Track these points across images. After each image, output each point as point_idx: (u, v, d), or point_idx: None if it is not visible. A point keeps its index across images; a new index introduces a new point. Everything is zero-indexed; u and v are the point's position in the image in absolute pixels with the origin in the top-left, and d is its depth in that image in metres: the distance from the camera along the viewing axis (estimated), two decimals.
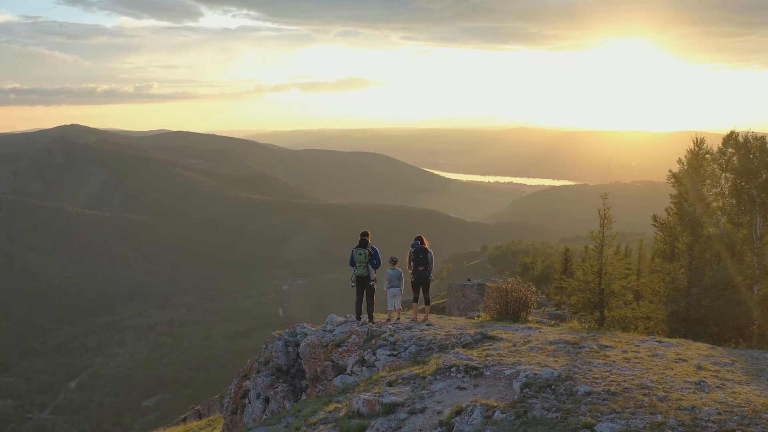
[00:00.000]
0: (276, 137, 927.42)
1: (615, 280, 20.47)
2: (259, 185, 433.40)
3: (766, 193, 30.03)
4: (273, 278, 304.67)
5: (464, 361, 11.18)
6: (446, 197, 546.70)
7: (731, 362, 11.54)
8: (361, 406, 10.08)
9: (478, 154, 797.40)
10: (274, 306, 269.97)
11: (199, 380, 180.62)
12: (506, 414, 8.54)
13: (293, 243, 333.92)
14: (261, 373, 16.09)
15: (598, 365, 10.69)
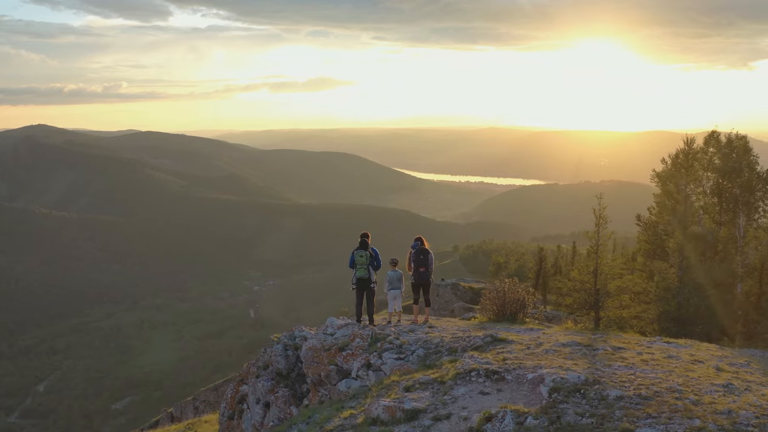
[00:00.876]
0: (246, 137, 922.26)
1: (611, 280, 20.35)
2: (229, 185, 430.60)
3: (749, 192, 30.23)
4: (244, 279, 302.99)
5: (484, 365, 10.95)
6: (417, 197, 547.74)
7: (747, 363, 11.44)
8: (380, 413, 9.80)
9: (448, 154, 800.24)
10: (245, 307, 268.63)
11: (170, 382, 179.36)
12: (539, 420, 8.32)
13: (265, 243, 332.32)
14: (261, 378, 15.71)
15: (619, 368, 10.52)
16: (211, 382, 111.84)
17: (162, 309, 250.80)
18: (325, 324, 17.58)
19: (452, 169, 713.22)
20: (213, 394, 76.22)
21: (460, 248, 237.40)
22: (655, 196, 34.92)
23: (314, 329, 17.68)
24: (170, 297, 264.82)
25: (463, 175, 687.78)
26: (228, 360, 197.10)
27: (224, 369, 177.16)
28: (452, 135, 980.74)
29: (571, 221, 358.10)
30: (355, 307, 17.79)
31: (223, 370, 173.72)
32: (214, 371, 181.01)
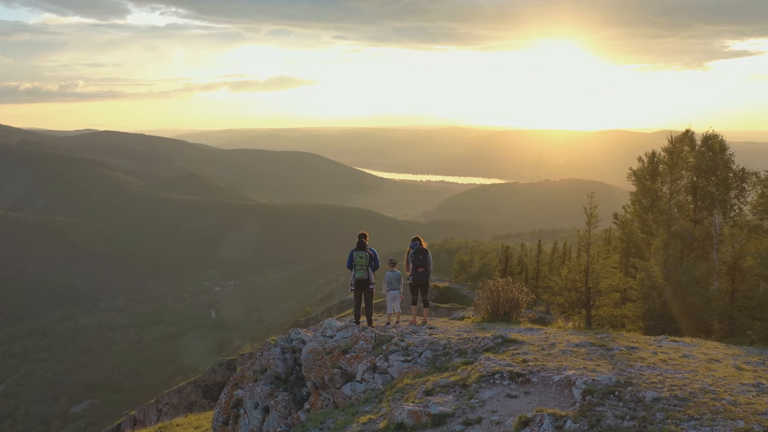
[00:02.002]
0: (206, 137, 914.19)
1: (602, 279, 20.33)
2: (189, 185, 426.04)
3: (725, 189, 30.55)
4: (205, 279, 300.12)
5: (506, 368, 10.70)
6: (379, 196, 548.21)
7: (762, 361, 11.39)
8: (405, 418, 9.49)
9: (410, 153, 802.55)
10: (206, 307, 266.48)
11: (130, 385, 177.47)
12: (579, 423, 8.09)
13: (225, 243, 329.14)
14: (259, 382, 15.27)
15: (643, 368, 10.37)
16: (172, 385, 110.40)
17: (121, 311, 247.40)
18: (322, 326, 17.18)
19: (413, 168, 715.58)
20: (176, 397, 75.14)
21: None
22: (631, 194, 35.18)
23: (311, 331, 17.28)
24: (130, 298, 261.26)
25: (425, 174, 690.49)
26: (189, 362, 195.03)
27: (185, 371, 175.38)
28: (413, 134, 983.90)
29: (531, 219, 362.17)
30: (353, 308, 17.37)
31: (184, 373, 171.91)
32: (175, 373, 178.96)
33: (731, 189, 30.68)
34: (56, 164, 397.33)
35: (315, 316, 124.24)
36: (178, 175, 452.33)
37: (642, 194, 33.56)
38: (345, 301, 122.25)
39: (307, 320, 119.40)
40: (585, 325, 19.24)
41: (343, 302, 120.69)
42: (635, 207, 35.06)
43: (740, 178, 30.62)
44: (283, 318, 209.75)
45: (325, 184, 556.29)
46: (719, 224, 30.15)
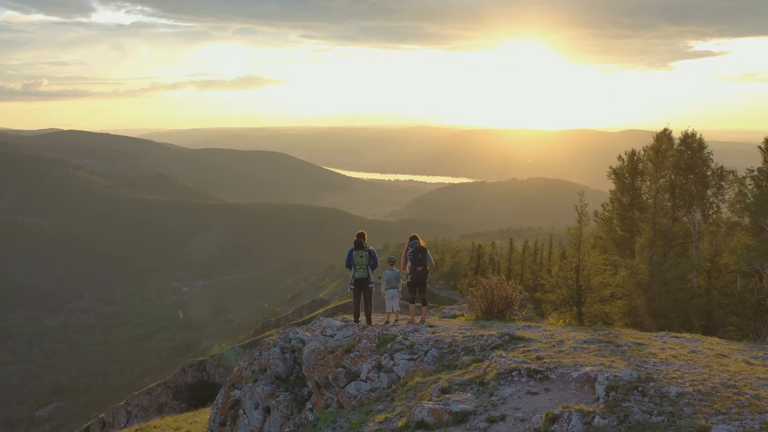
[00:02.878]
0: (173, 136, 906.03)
1: (593, 276, 20.50)
2: (156, 185, 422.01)
3: (704, 187, 30.99)
4: (173, 280, 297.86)
5: (523, 365, 10.71)
6: (348, 195, 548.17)
7: (766, 356, 11.52)
8: (425, 416, 9.43)
9: (378, 152, 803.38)
10: (174, 308, 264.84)
11: (97, 387, 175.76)
12: (607, 419, 8.11)
13: (193, 244, 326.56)
14: (259, 382, 15.12)
15: (657, 364, 10.44)
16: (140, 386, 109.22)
17: (87, 312, 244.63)
18: (321, 325, 17.09)
19: (382, 167, 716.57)
20: (146, 398, 74.39)
21: (391, 246, 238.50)
22: (611, 192, 35.56)
23: (308, 331, 17.16)
24: (96, 299, 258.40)
25: (393, 173, 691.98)
26: (157, 363, 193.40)
27: (153, 372, 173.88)
28: (382, 133, 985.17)
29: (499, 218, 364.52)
30: (353, 307, 17.29)
31: (152, 374, 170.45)
32: (143, 375, 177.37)
33: (710, 187, 31.15)
34: (20, 164, 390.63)
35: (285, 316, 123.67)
36: (144, 175, 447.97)
37: (622, 192, 33.94)
38: (316, 300, 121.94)
39: (278, 320, 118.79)
40: (576, 322, 19.42)
41: (314, 302, 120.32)
42: (614, 205, 35.47)
43: (719, 176, 31.10)
44: (251, 318, 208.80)
45: (294, 183, 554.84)
46: (698, 222, 30.60)
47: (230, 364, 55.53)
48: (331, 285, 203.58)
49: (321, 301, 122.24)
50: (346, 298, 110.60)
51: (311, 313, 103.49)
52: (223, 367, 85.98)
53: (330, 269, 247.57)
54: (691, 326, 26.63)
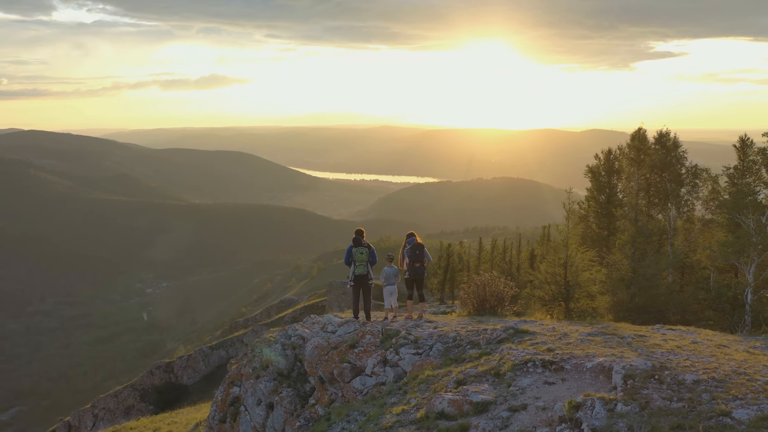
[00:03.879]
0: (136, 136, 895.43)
1: (581, 272, 20.91)
2: (119, 186, 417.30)
3: (679, 185, 31.69)
4: (136, 281, 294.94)
5: (537, 356, 10.96)
6: (313, 195, 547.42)
7: (765, 346, 11.91)
8: (446, 406, 9.64)
9: (344, 152, 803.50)
10: (138, 310, 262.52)
11: (60, 390, 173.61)
12: (630, 406, 8.38)
13: (158, 245, 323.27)
14: (261, 379, 15.21)
15: (664, 354, 10.76)
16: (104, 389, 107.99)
17: (50, 314, 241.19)
18: (321, 322, 17.23)
19: (348, 167, 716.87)
20: (113, 401, 73.72)
21: None
22: (587, 190, 36.14)
23: (307, 327, 17.29)
24: (58, 302, 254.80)
25: (359, 173, 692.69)
26: (121, 365, 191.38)
27: (117, 375, 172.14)
28: (347, 133, 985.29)
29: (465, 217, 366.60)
30: (352, 304, 17.47)
31: (116, 377, 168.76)
32: (107, 378, 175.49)
33: (684, 185, 31.87)
34: None
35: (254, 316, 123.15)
36: (107, 176, 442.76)
37: (598, 190, 34.54)
38: (284, 301, 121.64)
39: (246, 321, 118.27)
40: (564, 316, 19.84)
41: (283, 302, 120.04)
42: (590, 203, 36.04)
43: (693, 174, 31.83)
44: (217, 319, 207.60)
45: (259, 183, 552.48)
46: (673, 219, 31.28)
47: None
48: (297, 285, 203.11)
49: (290, 302, 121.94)
50: (315, 298, 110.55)
51: (280, 314, 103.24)
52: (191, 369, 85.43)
53: (296, 269, 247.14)
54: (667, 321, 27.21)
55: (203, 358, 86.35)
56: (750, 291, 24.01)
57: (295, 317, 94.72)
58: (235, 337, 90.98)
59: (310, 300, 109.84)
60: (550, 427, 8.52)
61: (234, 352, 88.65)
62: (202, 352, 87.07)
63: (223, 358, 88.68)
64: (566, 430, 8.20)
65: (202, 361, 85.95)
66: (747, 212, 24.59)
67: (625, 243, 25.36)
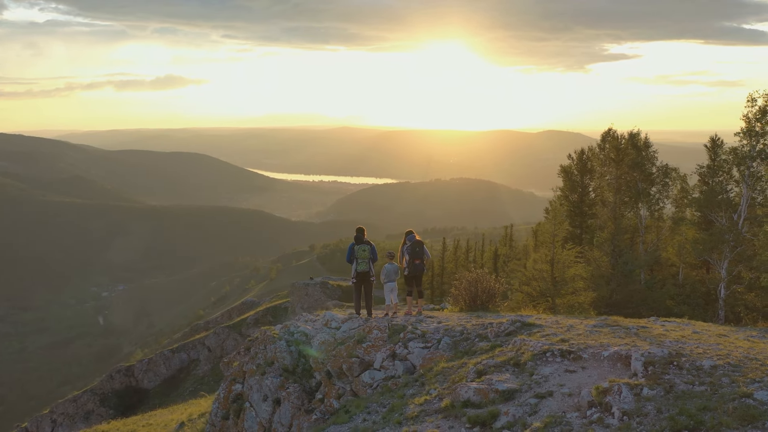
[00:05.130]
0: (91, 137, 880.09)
1: (567, 269, 21.46)
2: (73, 188, 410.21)
3: (650, 184, 32.61)
4: (92, 285, 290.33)
5: (554, 346, 11.35)
6: (271, 197, 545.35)
7: (761, 336, 12.53)
8: (471, 395, 9.97)
9: (301, 153, 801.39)
10: (94, 314, 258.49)
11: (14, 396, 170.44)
12: (655, 390, 8.81)
13: (113, 247, 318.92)
14: (267, 375, 15.39)
15: (674, 343, 11.25)
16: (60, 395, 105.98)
17: (3, 319, 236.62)
18: (324, 318, 17.45)
19: (306, 168, 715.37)
20: (72, 406, 72.62)
21: (317, 247, 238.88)
22: (560, 189, 36.89)
23: (309, 324, 17.53)
24: (11, 306, 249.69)
25: (317, 174, 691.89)
26: (77, 370, 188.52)
27: (73, 380, 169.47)
28: (305, 134, 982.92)
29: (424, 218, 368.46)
30: (354, 300, 17.75)
31: (72, 382, 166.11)
32: (62, 383, 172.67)
33: (655, 184, 32.79)
34: None
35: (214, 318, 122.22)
36: (60, 177, 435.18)
37: (571, 189, 35.28)
38: (246, 303, 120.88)
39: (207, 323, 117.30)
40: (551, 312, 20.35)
41: (245, 304, 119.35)
42: (562, 202, 36.77)
43: (664, 173, 32.75)
44: (175, 322, 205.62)
45: (216, 184, 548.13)
46: (644, 217, 32.19)
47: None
48: (256, 287, 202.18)
49: (251, 303, 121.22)
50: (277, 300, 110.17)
51: (241, 316, 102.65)
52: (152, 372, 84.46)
53: (255, 271, 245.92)
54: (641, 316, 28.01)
55: (164, 361, 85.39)
56: (723, 286, 24.87)
57: (258, 319, 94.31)
58: (196, 340, 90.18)
59: (272, 302, 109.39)
60: (579, 411, 8.91)
61: (195, 354, 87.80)
62: (162, 356, 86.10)
63: (185, 361, 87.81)
64: (597, 413, 8.60)
65: (163, 364, 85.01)
66: (719, 210, 25.47)
67: (604, 240, 26.07)
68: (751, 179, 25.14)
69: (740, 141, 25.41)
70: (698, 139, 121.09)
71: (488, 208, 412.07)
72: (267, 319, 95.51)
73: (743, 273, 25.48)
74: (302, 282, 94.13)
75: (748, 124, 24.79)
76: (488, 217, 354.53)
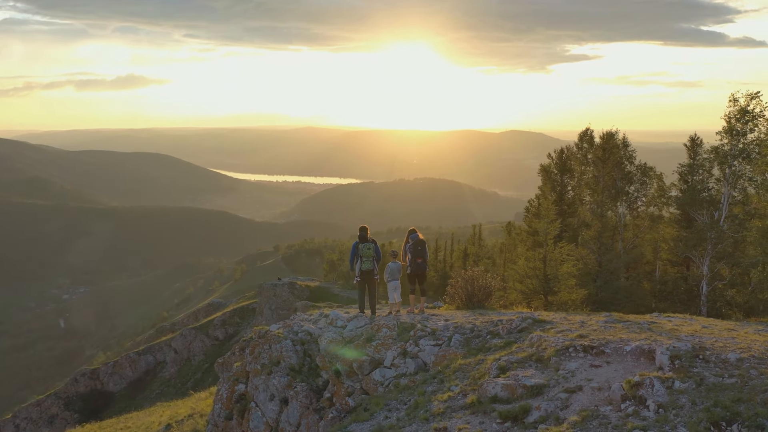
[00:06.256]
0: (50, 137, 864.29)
1: (560, 266, 21.67)
2: (32, 189, 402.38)
3: (629, 182, 33.10)
4: (52, 287, 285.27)
5: (576, 342, 11.45)
6: (234, 197, 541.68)
7: (766, 329, 12.76)
8: (499, 391, 10.04)
9: (265, 153, 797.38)
10: (54, 317, 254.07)
11: None
12: (686, 383, 8.96)
13: (74, 249, 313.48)
14: (274, 375, 15.28)
15: (690, 337, 11.45)
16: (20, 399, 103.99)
17: None
18: (329, 317, 17.43)
19: (269, 168, 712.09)
20: (35, 410, 71.48)
21: (282, 248, 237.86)
22: (539, 189, 37.18)
23: (312, 323, 17.47)
24: None
25: (281, 174, 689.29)
26: (37, 374, 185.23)
27: (33, 384, 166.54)
28: (268, 134, 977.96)
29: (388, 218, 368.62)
30: (358, 299, 17.73)
31: (32, 386, 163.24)
32: (22, 387, 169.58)
33: (633, 182, 33.30)
34: None
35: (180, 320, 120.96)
36: (19, 178, 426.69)
37: (550, 189, 35.60)
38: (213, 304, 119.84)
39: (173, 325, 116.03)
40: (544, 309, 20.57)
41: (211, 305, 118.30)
42: (540, 201, 37.09)
43: (642, 171, 33.28)
44: (138, 324, 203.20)
45: (179, 185, 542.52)
46: (623, 216, 32.66)
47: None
48: (221, 288, 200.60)
49: (218, 304, 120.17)
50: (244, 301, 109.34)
51: (208, 317, 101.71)
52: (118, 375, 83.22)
53: (219, 272, 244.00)
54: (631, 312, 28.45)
55: (130, 363, 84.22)
56: (705, 283, 25.35)
57: (225, 320, 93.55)
58: (162, 342, 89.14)
59: (239, 303, 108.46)
60: (611, 405, 9.02)
61: (162, 356, 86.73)
62: (128, 358, 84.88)
63: (151, 363, 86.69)
64: (631, 407, 8.73)
65: (129, 366, 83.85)
66: (701, 208, 25.97)
67: (591, 238, 26.39)
68: (732, 177, 25.67)
69: (721, 140, 25.95)
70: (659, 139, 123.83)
71: (452, 208, 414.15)
72: (234, 320, 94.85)
73: (723, 270, 26.00)
74: (270, 282, 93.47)
75: (729, 123, 25.31)
76: (452, 216, 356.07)
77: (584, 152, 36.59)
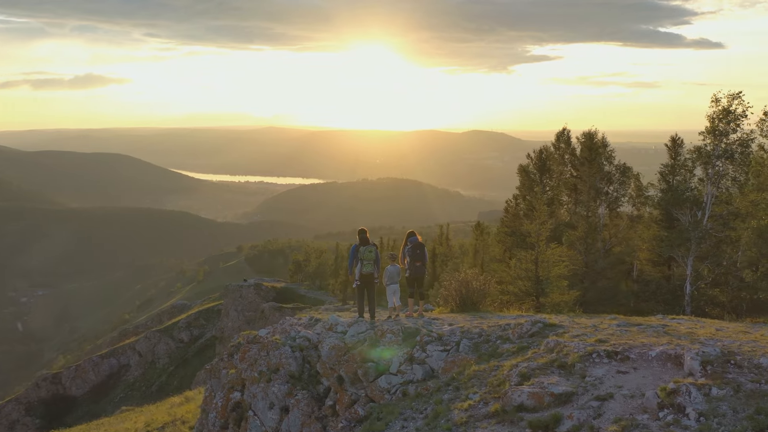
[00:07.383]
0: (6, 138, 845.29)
1: (552, 267, 21.54)
2: None
3: (609, 182, 33.20)
4: (9, 290, 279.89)
5: (599, 347, 11.16)
6: (196, 198, 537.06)
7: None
8: (525, 399, 9.71)
9: (227, 154, 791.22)
10: (12, 320, 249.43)
11: None
12: (724, 390, 8.72)
13: (32, 251, 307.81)
14: (273, 382, 14.76)
15: (710, 340, 11.27)
16: None
17: None
18: (328, 323, 16.94)
19: (231, 169, 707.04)
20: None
21: (245, 248, 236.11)
22: (517, 189, 37.10)
23: (309, 329, 17.00)
24: None
25: (243, 174, 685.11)
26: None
27: None
28: (230, 134, 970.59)
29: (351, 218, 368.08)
30: (357, 303, 17.33)
31: None
32: None
33: (613, 182, 33.44)
34: None
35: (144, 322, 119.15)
36: None
37: (529, 189, 35.55)
38: (176, 306, 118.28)
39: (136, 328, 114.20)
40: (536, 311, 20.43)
41: (175, 307, 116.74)
42: (518, 201, 37.06)
43: (621, 172, 33.43)
44: (99, 327, 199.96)
45: (139, 186, 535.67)
46: (603, 216, 32.74)
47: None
48: (183, 290, 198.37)
49: (182, 306, 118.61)
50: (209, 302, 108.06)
51: (172, 319, 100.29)
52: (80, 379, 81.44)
53: (181, 274, 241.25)
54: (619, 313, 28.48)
55: (93, 367, 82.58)
56: (689, 282, 25.43)
57: (190, 323, 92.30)
58: (126, 345, 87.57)
59: (204, 304, 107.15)
60: (647, 413, 8.75)
61: (125, 360, 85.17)
62: (91, 362, 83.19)
63: (114, 366, 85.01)
64: (670, 415, 8.46)
65: (92, 370, 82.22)
66: (684, 208, 26.07)
67: (577, 239, 26.33)
68: (715, 177, 25.83)
69: (704, 140, 26.12)
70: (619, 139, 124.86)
71: (415, 208, 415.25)
72: (200, 322, 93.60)
73: (705, 270, 26.13)
74: (236, 284, 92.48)
75: (713, 123, 25.47)
76: (415, 216, 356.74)
77: (561, 152, 36.67)
